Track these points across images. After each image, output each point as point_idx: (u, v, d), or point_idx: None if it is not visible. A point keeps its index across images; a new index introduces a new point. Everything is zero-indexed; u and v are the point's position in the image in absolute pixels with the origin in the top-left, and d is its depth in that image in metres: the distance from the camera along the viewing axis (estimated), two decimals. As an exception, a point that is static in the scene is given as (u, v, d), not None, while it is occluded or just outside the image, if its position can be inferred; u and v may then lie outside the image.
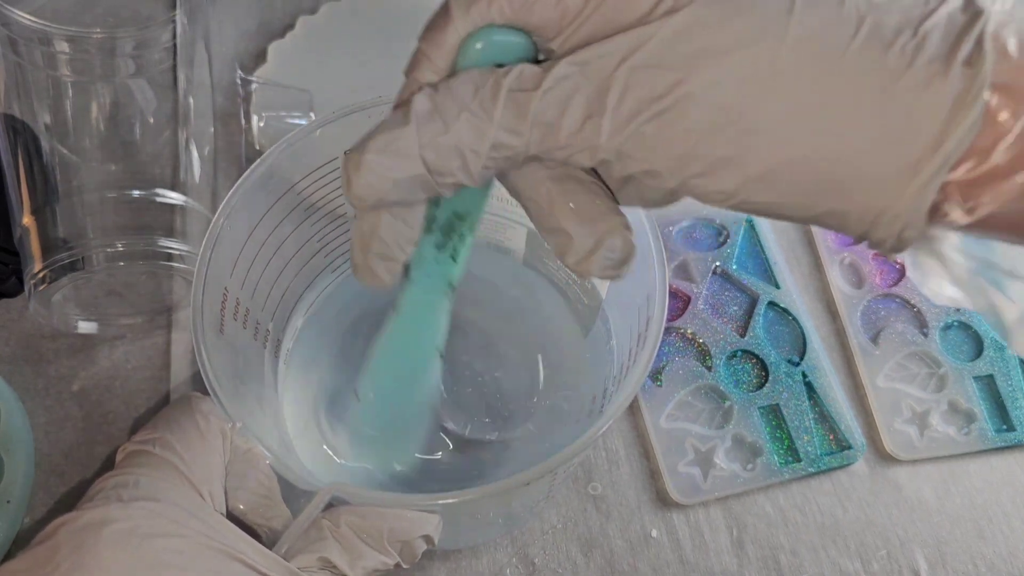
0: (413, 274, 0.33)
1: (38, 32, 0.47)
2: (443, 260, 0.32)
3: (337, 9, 0.58)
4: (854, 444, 0.48)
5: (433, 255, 0.32)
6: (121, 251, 0.43)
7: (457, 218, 0.31)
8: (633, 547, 0.45)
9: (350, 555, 0.33)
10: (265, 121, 0.53)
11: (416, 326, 0.35)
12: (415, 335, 0.36)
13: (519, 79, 0.25)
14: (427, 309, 0.34)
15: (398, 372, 0.38)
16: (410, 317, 0.35)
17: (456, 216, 0.31)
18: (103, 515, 0.30)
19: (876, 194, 0.24)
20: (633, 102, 0.24)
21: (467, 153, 0.26)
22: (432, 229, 0.31)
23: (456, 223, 0.31)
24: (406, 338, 0.36)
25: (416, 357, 0.37)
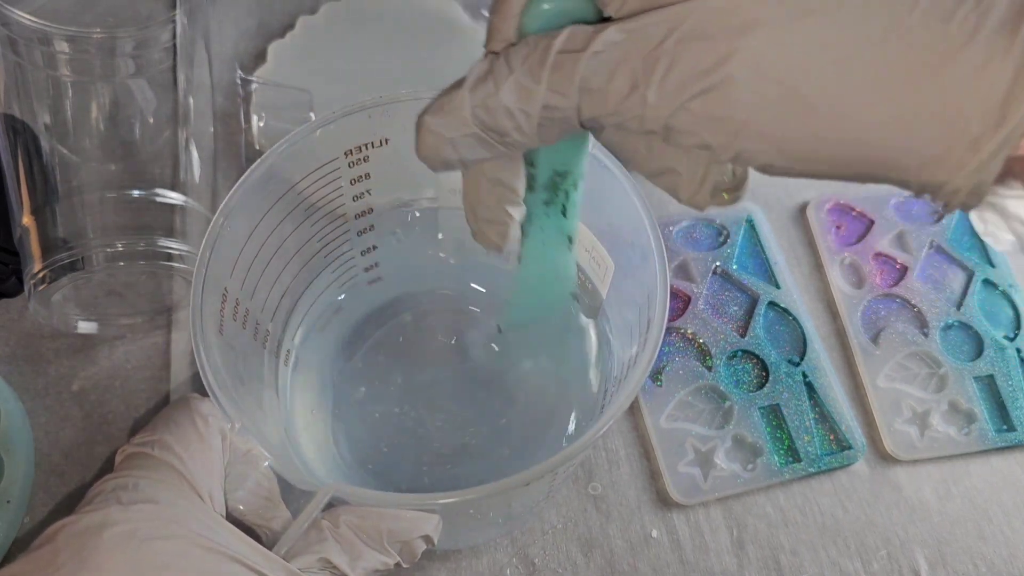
0: (527, 228, 0.33)
1: (38, 32, 0.47)
2: (553, 215, 0.33)
3: (337, 9, 0.58)
4: (854, 444, 0.48)
5: (543, 211, 0.33)
6: (121, 251, 0.43)
7: (558, 175, 0.32)
8: (633, 547, 0.45)
9: (350, 555, 0.33)
10: (265, 121, 0.53)
11: (542, 274, 0.36)
12: (542, 282, 0.36)
13: (569, 40, 0.25)
14: (548, 259, 0.35)
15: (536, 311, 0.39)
16: (532, 266, 0.35)
17: (557, 174, 0.32)
18: (103, 518, 0.30)
19: (935, 170, 0.23)
20: (679, 76, 0.24)
21: (518, 114, 0.26)
22: (535, 188, 0.32)
23: (558, 180, 0.32)
24: (534, 285, 0.36)
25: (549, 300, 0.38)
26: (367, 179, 0.40)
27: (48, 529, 0.30)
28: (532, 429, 0.43)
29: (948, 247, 0.54)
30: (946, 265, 0.54)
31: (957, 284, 0.54)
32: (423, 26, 0.58)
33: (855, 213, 0.56)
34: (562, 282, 0.37)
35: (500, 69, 0.26)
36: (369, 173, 0.40)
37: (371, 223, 0.42)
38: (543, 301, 0.38)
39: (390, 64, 0.56)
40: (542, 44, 0.25)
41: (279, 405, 0.41)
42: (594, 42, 0.25)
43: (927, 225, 0.55)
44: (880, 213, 0.55)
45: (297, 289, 0.42)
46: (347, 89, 0.55)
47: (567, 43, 0.25)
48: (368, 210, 0.42)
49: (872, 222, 0.55)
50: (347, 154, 0.39)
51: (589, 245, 0.40)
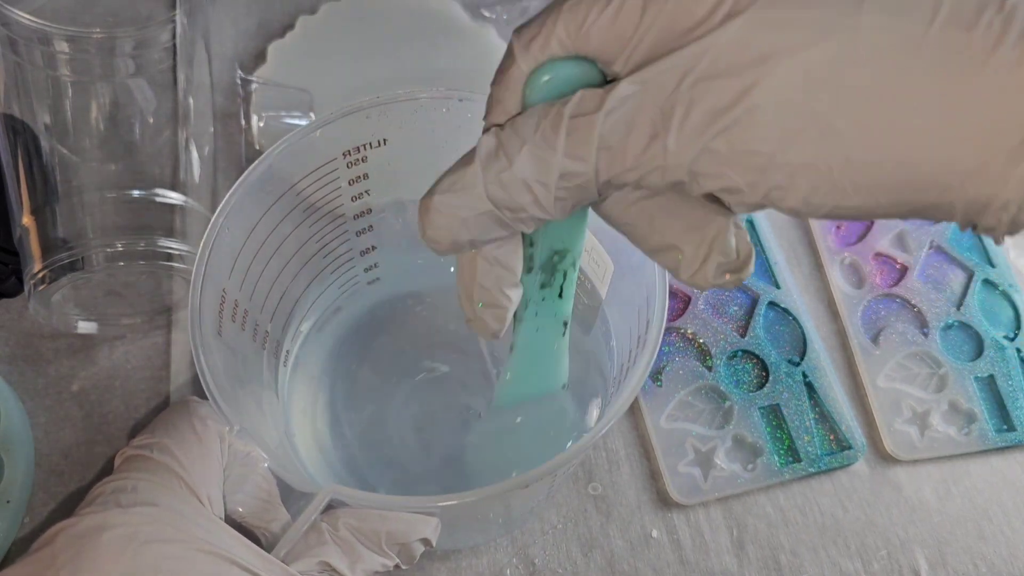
0: (521, 313, 0.32)
1: (38, 32, 0.47)
2: (550, 298, 0.32)
3: (337, 9, 0.58)
4: (854, 444, 0.48)
5: (538, 294, 0.32)
6: (121, 251, 0.43)
7: (557, 255, 0.31)
8: (633, 547, 0.45)
9: (349, 558, 0.33)
10: (265, 121, 0.53)
11: (533, 362, 0.35)
12: (534, 371, 0.35)
13: (580, 104, 0.24)
14: (542, 346, 0.34)
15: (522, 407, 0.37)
16: (525, 354, 0.34)
17: (555, 253, 0.31)
18: (102, 520, 0.30)
19: (979, 185, 0.22)
20: (699, 117, 0.23)
21: (535, 185, 0.25)
22: (533, 269, 0.31)
23: (557, 260, 0.31)
24: (526, 374, 0.35)
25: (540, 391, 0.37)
26: (365, 179, 0.40)
27: (47, 531, 0.30)
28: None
29: (948, 247, 0.54)
30: (946, 265, 0.54)
31: (957, 284, 0.53)
32: (423, 26, 0.58)
33: (855, 213, 0.56)
34: (554, 372, 0.36)
35: (511, 141, 0.25)
36: (368, 173, 0.40)
37: (370, 223, 0.42)
38: (533, 391, 0.36)
39: (390, 64, 0.56)
40: (553, 111, 0.25)
41: (278, 407, 0.41)
42: (608, 100, 0.24)
43: (927, 225, 0.55)
44: (880, 213, 0.55)
45: (296, 290, 0.42)
46: (347, 89, 0.55)
47: (579, 107, 0.24)
48: (367, 210, 0.42)
49: (872, 222, 0.55)
50: (345, 154, 0.38)
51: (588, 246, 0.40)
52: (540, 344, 0.34)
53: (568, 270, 0.31)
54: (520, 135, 0.25)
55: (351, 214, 0.41)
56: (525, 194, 0.25)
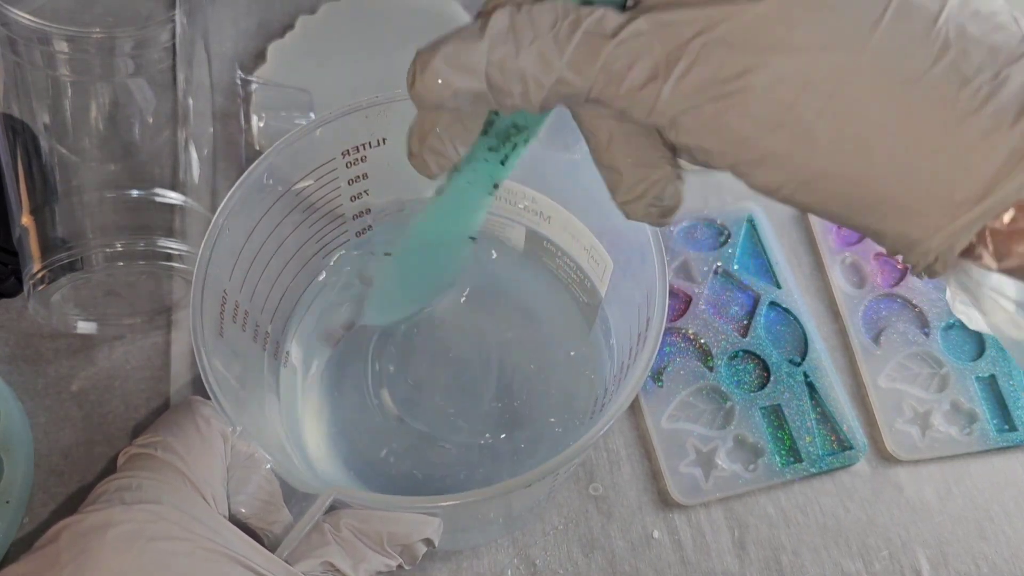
0: (461, 166, 0.33)
1: (37, 32, 0.47)
2: (492, 161, 0.32)
3: (336, 9, 0.58)
4: (856, 444, 0.48)
5: (484, 155, 0.32)
6: (120, 251, 0.43)
7: (515, 128, 0.31)
8: (635, 548, 0.45)
9: (352, 558, 0.33)
10: (265, 121, 0.53)
11: (455, 211, 0.35)
12: (452, 218, 0.36)
13: (599, 22, 0.25)
14: (468, 199, 0.35)
15: (431, 247, 0.38)
16: (450, 202, 0.35)
17: (514, 127, 0.31)
18: (106, 518, 0.30)
19: (912, 225, 0.24)
20: (698, 77, 0.24)
21: (530, 81, 0.26)
22: (488, 132, 0.31)
23: (512, 133, 0.32)
24: (444, 219, 0.36)
25: (450, 236, 0.38)
26: (365, 179, 0.40)
27: (51, 529, 0.30)
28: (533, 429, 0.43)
29: (949, 246, 0.54)
30: (947, 265, 0.54)
31: (958, 284, 0.53)
32: (423, 26, 0.58)
33: (856, 212, 0.56)
34: (469, 222, 0.36)
35: (524, 31, 0.25)
36: (367, 173, 0.40)
37: (369, 223, 0.42)
38: (447, 233, 0.37)
39: (390, 64, 0.56)
40: (571, 18, 0.25)
41: (280, 408, 0.41)
42: (623, 30, 0.25)
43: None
44: (881, 212, 0.55)
45: (296, 290, 0.41)
46: (347, 89, 0.55)
47: (598, 25, 0.25)
48: (366, 210, 0.42)
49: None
50: (344, 154, 0.38)
51: (588, 244, 0.40)
52: (467, 196, 0.34)
53: (519, 143, 0.32)
54: (534, 28, 0.25)
55: (350, 214, 0.41)
56: (519, 85, 0.26)
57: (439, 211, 0.36)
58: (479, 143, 0.32)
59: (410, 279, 0.41)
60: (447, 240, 0.38)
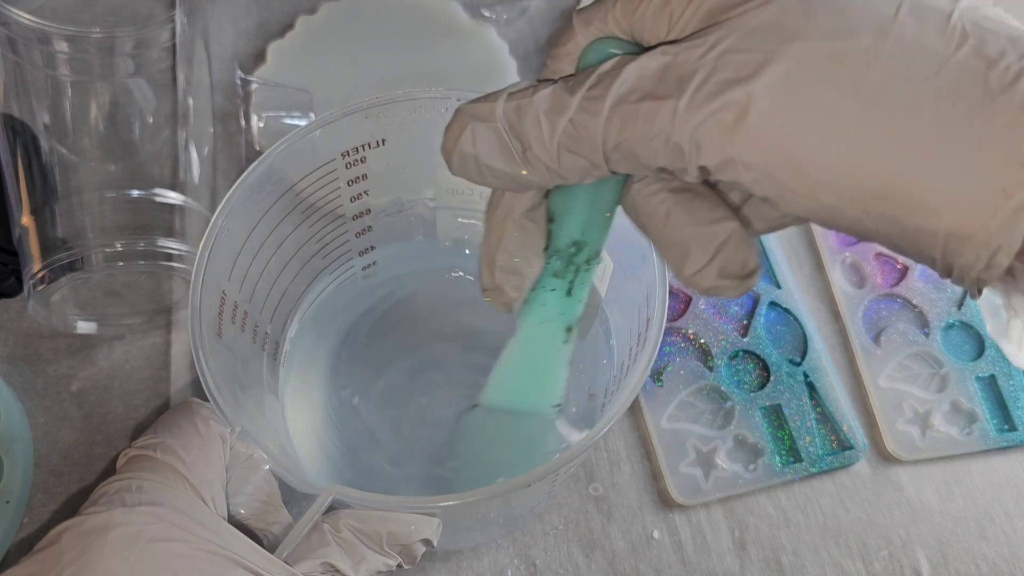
0: (530, 298, 0.33)
1: (37, 32, 0.47)
2: (560, 290, 0.33)
3: (336, 9, 0.58)
4: (856, 444, 0.48)
5: (550, 284, 0.32)
6: (120, 251, 0.43)
7: (575, 246, 0.31)
8: (635, 548, 0.45)
9: (352, 558, 0.33)
10: (265, 121, 0.53)
11: (531, 361, 0.35)
12: (529, 373, 0.36)
13: (612, 65, 0.26)
14: (543, 343, 0.34)
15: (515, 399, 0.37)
16: (525, 345, 0.35)
17: (574, 244, 0.31)
18: (107, 520, 0.30)
19: (965, 215, 0.22)
20: (715, 86, 0.24)
21: (544, 121, 0.26)
22: (549, 249, 0.32)
23: (574, 252, 0.32)
24: (522, 368, 0.36)
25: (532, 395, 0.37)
26: (364, 180, 0.40)
27: (52, 531, 0.30)
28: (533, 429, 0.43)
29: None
30: (948, 264, 0.54)
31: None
32: (423, 26, 0.58)
33: (856, 212, 0.55)
34: (550, 380, 0.36)
35: (543, 84, 0.27)
36: (366, 174, 0.40)
37: (369, 224, 0.42)
38: (524, 396, 0.36)
39: (390, 64, 0.56)
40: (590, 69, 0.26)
41: (278, 408, 0.41)
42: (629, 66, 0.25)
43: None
44: (881, 212, 0.55)
45: (295, 291, 0.41)
46: (346, 89, 0.55)
47: (610, 68, 0.26)
48: (366, 211, 0.42)
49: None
50: (344, 155, 0.38)
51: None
52: (541, 339, 0.34)
53: (582, 267, 0.32)
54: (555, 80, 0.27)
55: (350, 214, 0.41)
56: (535, 129, 0.26)
57: (516, 357, 0.35)
58: (544, 268, 0.32)
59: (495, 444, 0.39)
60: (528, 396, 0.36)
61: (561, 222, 0.31)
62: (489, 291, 0.32)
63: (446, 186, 0.42)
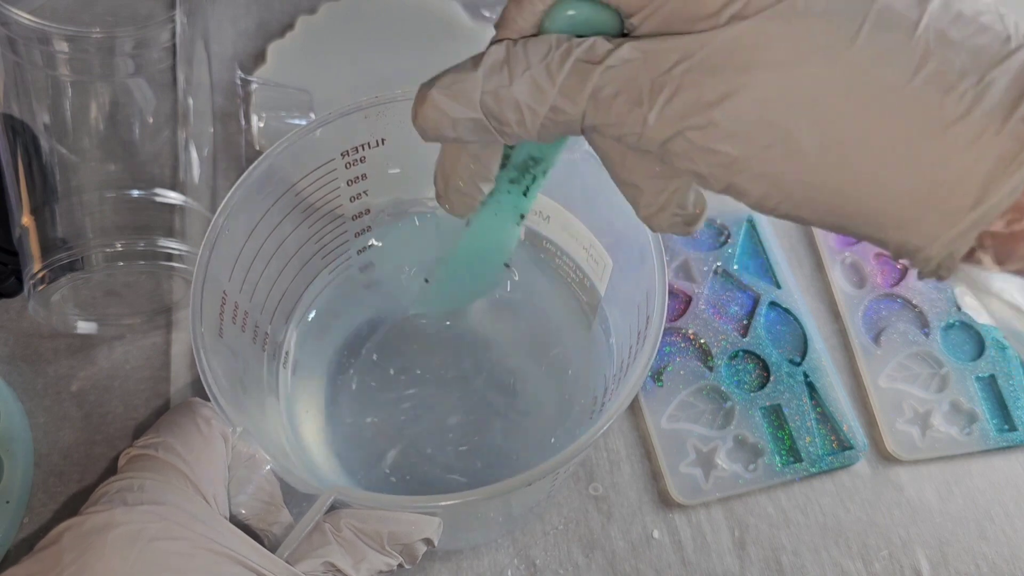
0: (486, 200, 0.33)
1: (37, 32, 0.47)
2: (515, 193, 0.33)
3: (336, 9, 0.58)
4: (856, 444, 0.48)
5: (506, 187, 0.33)
6: (120, 251, 0.43)
7: (532, 160, 0.32)
8: (635, 548, 0.45)
9: (353, 558, 0.33)
10: (265, 121, 0.53)
11: (484, 241, 0.36)
12: (483, 248, 0.37)
13: (589, 50, 0.26)
14: (495, 230, 0.35)
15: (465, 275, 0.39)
16: (478, 233, 0.36)
17: (531, 159, 0.32)
18: (108, 519, 0.30)
19: (910, 234, 0.24)
20: (681, 104, 0.24)
21: (525, 109, 0.26)
22: (506, 166, 0.32)
23: (531, 164, 0.32)
24: (474, 250, 0.37)
25: (483, 265, 0.38)
26: (364, 180, 0.40)
27: (53, 530, 0.30)
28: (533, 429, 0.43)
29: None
30: (947, 264, 0.54)
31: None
32: (423, 26, 0.58)
33: (856, 212, 0.55)
34: (500, 251, 0.37)
35: (517, 61, 0.26)
36: (366, 174, 0.40)
37: (369, 224, 0.42)
38: (478, 266, 0.38)
39: (390, 64, 0.56)
40: (563, 48, 0.26)
41: (279, 408, 0.41)
42: (610, 57, 0.25)
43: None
44: (881, 212, 0.55)
45: (295, 291, 0.41)
46: (346, 89, 0.55)
47: (587, 53, 0.26)
48: (366, 211, 0.42)
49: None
50: (343, 155, 0.38)
51: (587, 243, 0.40)
52: (495, 227, 0.35)
53: (539, 175, 0.33)
54: (528, 58, 0.26)
55: (350, 214, 0.41)
56: (515, 113, 0.26)
57: (469, 243, 0.36)
58: (500, 177, 0.32)
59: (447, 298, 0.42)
60: (480, 269, 0.39)
61: (520, 146, 0.32)
62: (443, 200, 0.32)
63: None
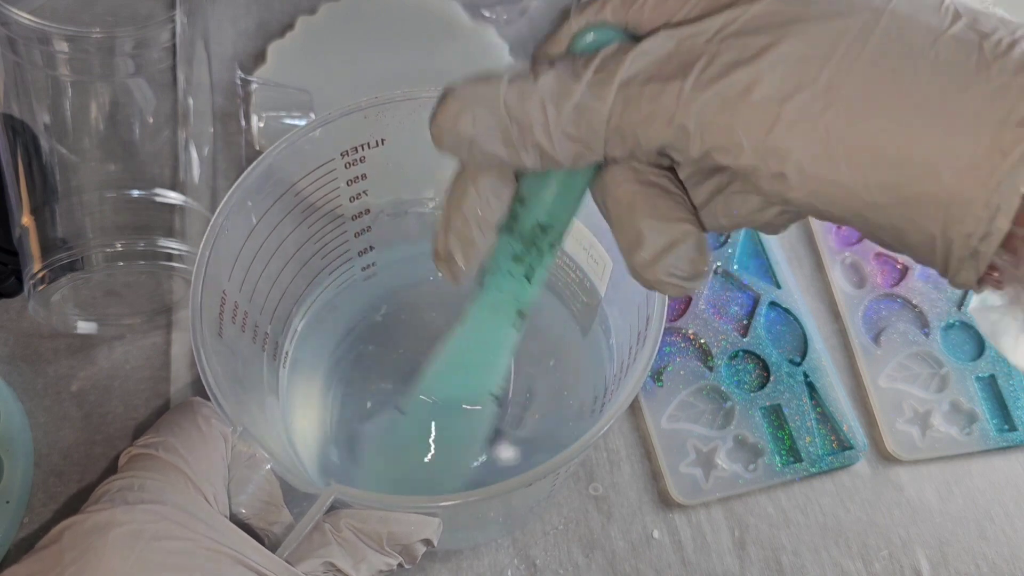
0: (485, 279, 0.32)
1: (37, 32, 0.47)
2: (517, 275, 0.32)
3: (336, 9, 0.58)
4: (856, 444, 0.48)
5: (508, 267, 0.32)
6: (120, 251, 0.43)
7: (540, 229, 0.31)
8: (635, 548, 0.45)
9: (353, 558, 0.33)
10: (265, 121, 0.53)
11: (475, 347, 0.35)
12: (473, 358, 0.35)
13: (614, 51, 0.26)
14: (490, 331, 0.34)
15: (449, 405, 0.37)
16: (471, 332, 0.34)
17: (539, 227, 0.31)
18: (108, 518, 0.30)
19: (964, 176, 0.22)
20: (719, 67, 0.24)
21: (550, 108, 0.26)
22: (513, 230, 0.31)
23: (538, 235, 0.31)
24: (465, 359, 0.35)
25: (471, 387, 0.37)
26: (363, 180, 0.40)
27: (54, 529, 0.30)
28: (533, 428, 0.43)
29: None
30: (947, 264, 0.54)
31: (958, 283, 0.53)
32: (423, 26, 0.58)
33: (856, 212, 0.55)
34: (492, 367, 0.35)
35: (542, 66, 0.26)
36: (366, 174, 0.40)
37: (368, 224, 0.42)
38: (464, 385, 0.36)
39: (390, 64, 0.56)
40: (589, 55, 0.26)
41: (279, 408, 0.41)
42: (640, 45, 0.25)
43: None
44: (881, 212, 0.55)
45: (295, 291, 0.41)
46: (346, 89, 0.55)
47: (613, 53, 0.26)
48: (365, 211, 0.42)
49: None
50: (343, 155, 0.38)
51: (587, 243, 0.40)
52: (489, 325, 0.34)
53: (545, 251, 0.31)
54: (552, 64, 0.26)
55: (350, 214, 0.41)
56: (538, 114, 0.26)
57: (460, 346, 0.35)
58: (503, 244, 0.31)
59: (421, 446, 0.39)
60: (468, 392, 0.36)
61: (530, 204, 0.30)
62: (441, 258, 0.31)
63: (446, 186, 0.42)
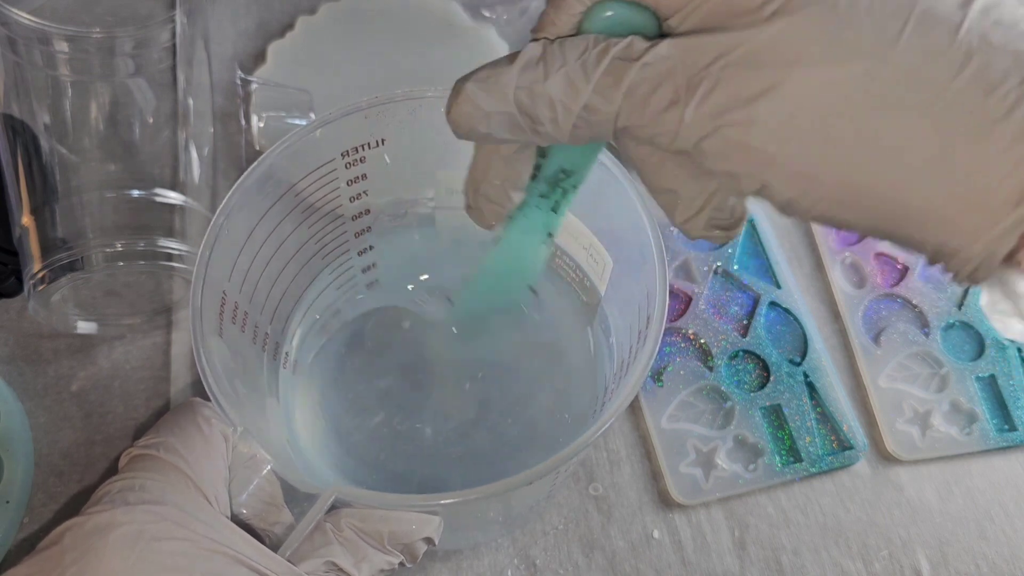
0: (514, 213, 0.34)
1: (37, 32, 0.47)
2: (544, 207, 0.33)
3: (336, 9, 0.58)
4: (856, 444, 0.48)
5: (535, 201, 0.33)
6: (120, 251, 0.43)
7: (563, 173, 0.32)
8: (635, 548, 0.45)
9: (355, 557, 0.33)
10: (265, 121, 0.53)
11: (511, 261, 0.36)
12: (510, 268, 0.37)
13: (626, 49, 0.26)
14: (523, 248, 0.35)
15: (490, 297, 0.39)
16: (506, 252, 0.36)
17: (562, 171, 0.32)
18: (109, 519, 0.30)
19: (951, 234, 0.23)
20: (720, 99, 0.24)
21: (559, 106, 0.26)
22: (537, 178, 0.32)
23: (561, 178, 0.32)
24: (501, 270, 0.37)
25: (509, 286, 0.39)
26: (364, 180, 0.40)
27: (54, 530, 0.30)
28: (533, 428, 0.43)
29: (949, 246, 0.54)
30: (947, 264, 0.54)
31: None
32: (423, 26, 0.58)
33: (856, 212, 0.55)
34: (527, 272, 0.37)
35: (553, 58, 0.26)
36: (366, 174, 0.40)
37: (369, 224, 0.42)
38: (503, 286, 0.38)
39: (390, 64, 0.56)
40: (600, 47, 0.26)
41: (280, 408, 0.41)
42: (647, 54, 0.25)
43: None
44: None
45: (295, 291, 0.41)
46: (347, 89, 0.55)
47: (624, 51, 0.26)
48: (366, 211, 0.42)
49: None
50: (343, 155, 0.38)
51: (587, 243, 0.40)
52: (523, 246, 0.35)
53: (569, 189, 0.33)
54: (564, 55, 0.26)
55: (350, 214, 0.41)
56: (548, 110, 0.26)
57: (496, 261, 0.36)
58: (529, 189, 0.32)
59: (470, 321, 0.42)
60: (505, 290, 0.39)
61: (551, 156, 0.32)
62: (473, 211, 0.33)
63: (446, 186, 0.42)
